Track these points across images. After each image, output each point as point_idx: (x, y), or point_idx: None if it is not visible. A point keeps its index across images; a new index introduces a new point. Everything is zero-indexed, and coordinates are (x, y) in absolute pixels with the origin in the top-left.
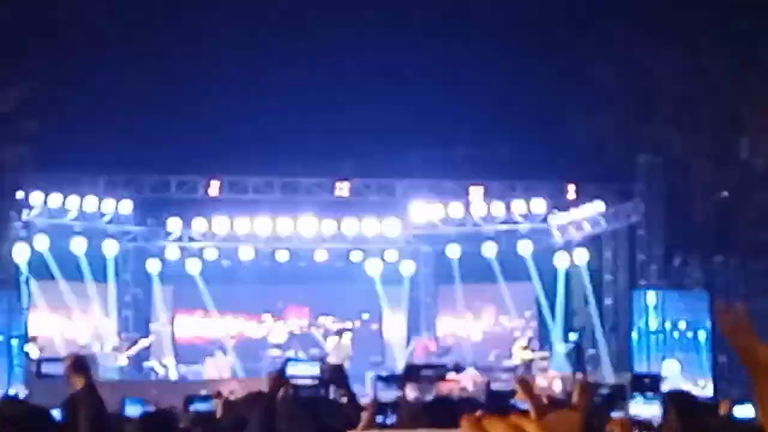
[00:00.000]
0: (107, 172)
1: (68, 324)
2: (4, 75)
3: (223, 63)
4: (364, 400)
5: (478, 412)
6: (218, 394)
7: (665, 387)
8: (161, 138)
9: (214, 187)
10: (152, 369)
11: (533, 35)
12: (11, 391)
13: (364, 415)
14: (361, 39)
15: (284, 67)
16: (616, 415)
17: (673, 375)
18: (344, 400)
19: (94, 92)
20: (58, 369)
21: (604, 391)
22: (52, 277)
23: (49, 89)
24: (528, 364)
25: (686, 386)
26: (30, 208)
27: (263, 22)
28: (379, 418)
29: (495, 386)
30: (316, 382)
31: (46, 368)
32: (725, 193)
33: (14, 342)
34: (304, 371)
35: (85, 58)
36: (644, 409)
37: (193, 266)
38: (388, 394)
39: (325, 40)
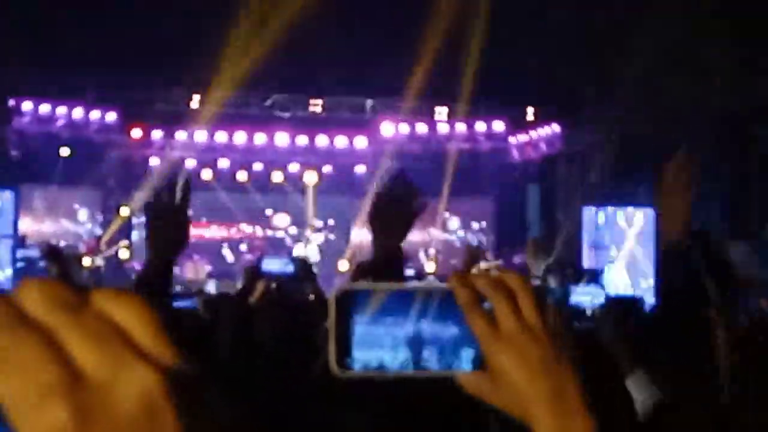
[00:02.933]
0: (95, 84)
1: (55, 226)
2: None
3: None
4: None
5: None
6: (200, 292)
7: (610, 286)
8: (148, 55)
9: (195, 101)
10: (133, 268)
11: None
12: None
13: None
14: None
15: None
16: None
17: (618, 274)
18: (311, 297)
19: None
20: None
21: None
22: (43, 182)
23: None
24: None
25: (629, 283)
26: (21, 115)
27: None
28: None
29: None
30: (292, 277)
31: (22, 255)
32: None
33: (5, 241)
34: (278, 267)
35: None
36: (582, 297)
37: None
38: None
39: None
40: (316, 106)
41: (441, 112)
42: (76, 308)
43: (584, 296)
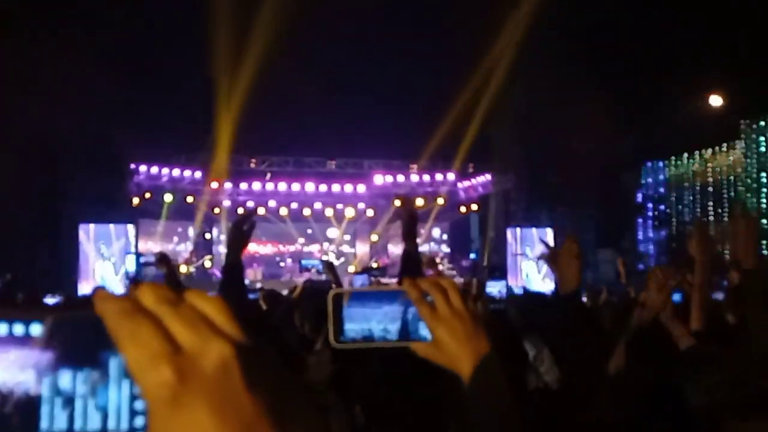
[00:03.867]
0: (185, 151)
1: (162, 246)
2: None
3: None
4: None
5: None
6: (261, 289)
7: (527, 279)
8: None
9: (252, 163)
10: (214, 273)
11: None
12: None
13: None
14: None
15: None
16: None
17: (530, 271)
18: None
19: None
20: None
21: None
22: (154, 218)
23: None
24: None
25: (540, 276)
26: (139, 174)
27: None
28: None
29: None
30: (323, 274)
31: (144, 260)
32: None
33: (130, 257)
34: (314, 264)
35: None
36: (492, 287)
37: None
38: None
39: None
40: (331, 165)
41: (413, 167)
42: (175, 302)
43: (492, 287)
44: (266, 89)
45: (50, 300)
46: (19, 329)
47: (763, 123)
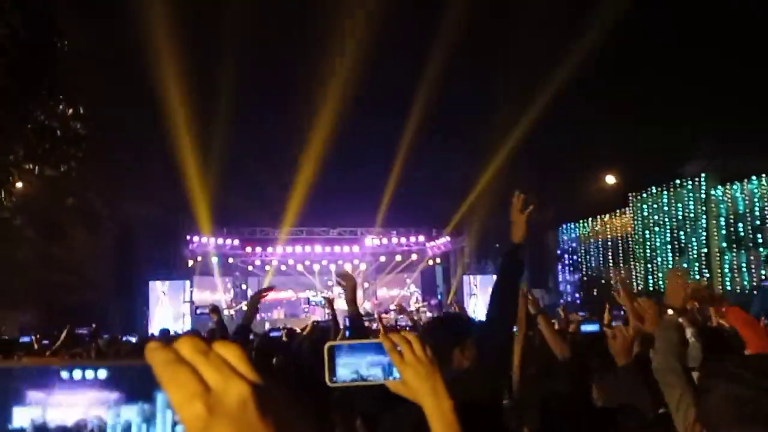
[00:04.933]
0: (226, 225)
1: (210, 297)
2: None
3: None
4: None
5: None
6: (284, 327)
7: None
8: (254, 212)
9: (274, 233)
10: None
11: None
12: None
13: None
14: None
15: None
16: None
17: (480, 308)
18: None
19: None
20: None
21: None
22: (205, 275)
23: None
24: (417, 309)
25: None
26: (193, 243)
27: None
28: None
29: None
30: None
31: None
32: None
33: (185, 305)
34: (319, 300)
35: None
36: None
37: (269, 268)
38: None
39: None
40: (334, 232)
41: (393, 232)
42: (206, 351)
43: None
44: (284, 180)
45: (131, 339)
46: (90, 374)
47: (645, 194)
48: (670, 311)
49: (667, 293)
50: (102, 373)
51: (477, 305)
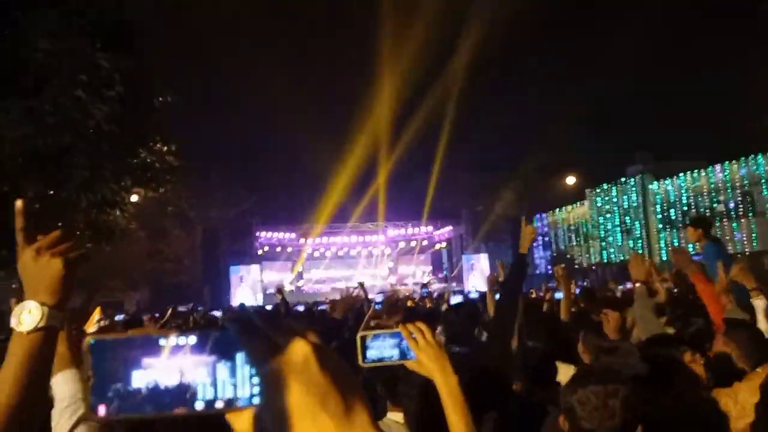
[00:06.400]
0: (287, 222)
1: (276, 277)
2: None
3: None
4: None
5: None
6: (330, 301)
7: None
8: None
9: (306, 235)
10: (302, 291)
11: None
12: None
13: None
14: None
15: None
16: None
17: (478, 282)
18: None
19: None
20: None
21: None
22: (271, 260)
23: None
24: (429, 282)
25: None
26: (261, 237)
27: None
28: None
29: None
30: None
31: (269, 291)
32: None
33: (258, 284)
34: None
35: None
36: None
37: (317, 254)
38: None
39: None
40: (368, 225)
41: (408, 225)
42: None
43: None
44: (329, 183)
45: (216, 313)
46: (183, 340)
47: (598, 189)
48: (638, 284)
49: (632, 270)
50: (194, 340)
51: (476, 278)
